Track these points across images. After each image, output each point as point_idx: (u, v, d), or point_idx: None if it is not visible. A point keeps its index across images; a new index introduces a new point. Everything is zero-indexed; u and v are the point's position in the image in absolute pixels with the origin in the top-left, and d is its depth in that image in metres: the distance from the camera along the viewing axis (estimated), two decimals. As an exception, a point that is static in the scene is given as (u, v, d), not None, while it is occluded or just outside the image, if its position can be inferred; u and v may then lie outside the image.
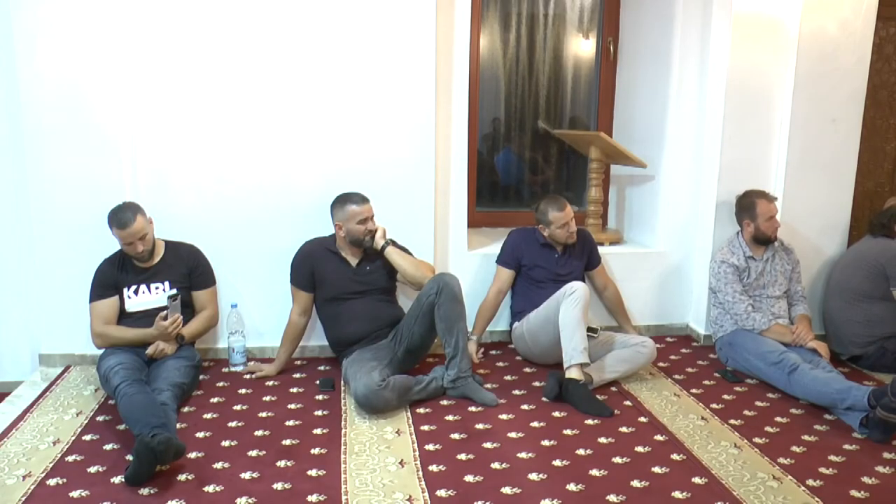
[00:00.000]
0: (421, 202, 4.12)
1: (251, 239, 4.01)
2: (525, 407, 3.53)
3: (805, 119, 4.30)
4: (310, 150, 3.98)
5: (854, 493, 2.83)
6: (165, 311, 3.51)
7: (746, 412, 3.56)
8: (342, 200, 3.77)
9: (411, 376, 3.58)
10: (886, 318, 4.12)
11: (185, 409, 3.42)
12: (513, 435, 3.22)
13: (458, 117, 4.20)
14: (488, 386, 3.73)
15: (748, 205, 4.13)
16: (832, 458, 3.11)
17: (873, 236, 4.31)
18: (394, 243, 3.84)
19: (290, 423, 3.30)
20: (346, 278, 3.80)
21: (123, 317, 3.63)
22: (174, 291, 3.59)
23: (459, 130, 4.21)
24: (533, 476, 2.87)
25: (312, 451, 3.04)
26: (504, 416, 3.41)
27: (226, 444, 3.09)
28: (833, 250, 4.54)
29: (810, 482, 2.89)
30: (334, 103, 3.95)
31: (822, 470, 3.00)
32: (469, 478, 2.84)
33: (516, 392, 3.70)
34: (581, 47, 5.08)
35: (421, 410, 3.46)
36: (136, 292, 3.64)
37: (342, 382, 3.72)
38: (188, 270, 3.76)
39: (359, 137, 4.00)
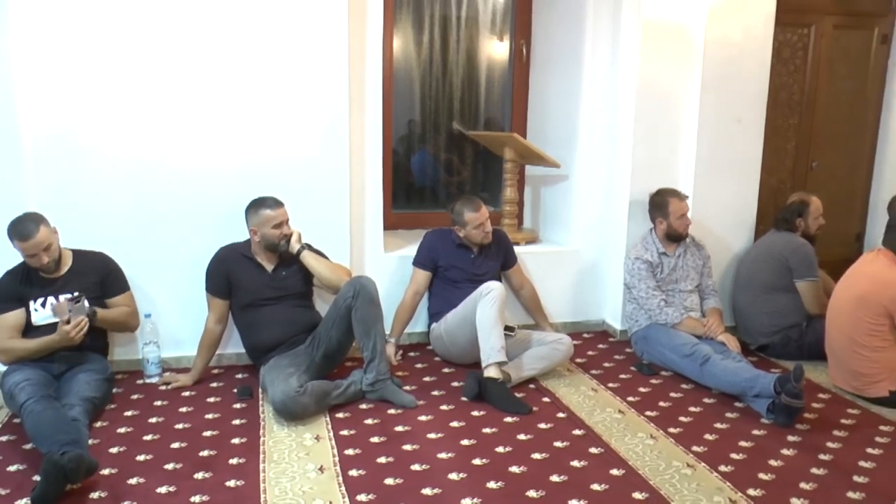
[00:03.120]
0: (336, 205, 4.09)
1: (163, 246, 3.90)
2: (444, 407, 3.54)
3: (712, 120, 4.45)
4: (222, 154, 3.90)
5: (762, 475, 2.95)
6: (68, 315, 3.38)
7: (662, 403, 3.66)
8: (256, 205, 3.72)
9: (330, 381, 3.55)
10: (790, 308, 4.30)
11: (98, 424, 3.31)
12: (432, 436, 3.23)
13: (372, 119, 4.19)
14: (407, 388, 3.73)
15: (660, 203, 4.24)
16: (742, 443, 3.24)
17: (777, 231, 4.49)
18: (309, 247, 3.80)
19: (208, 433, 3.24)
20: (262, 284, 3.75)
21: (30, 331, 3.46)
22: (76, 294, 3.46)
23: (374, 132, 4.20)
24: (453, 476, 2.88)
25: (230, 461, 2.99)
26: (423, 418, 3.42)
27: (141, 458, 3.01)
28: (741, 245, 4.70)
29: (722, 468, 3.00)
30: (246, 106, 3.88)
31: (733, 455, 3.12)
32: (389, 480, 2.83)
33: (435, 393, 3.72)
34: (494, 49, 5.13)
35: (340, 415, 3.43)
36: (42, 305, 3.49)
37: (260, 390, 3.66)
38: (99, 278, 3.63)
39: (272, 140, 3.94)
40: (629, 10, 4.39)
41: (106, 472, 2.88)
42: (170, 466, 2.94)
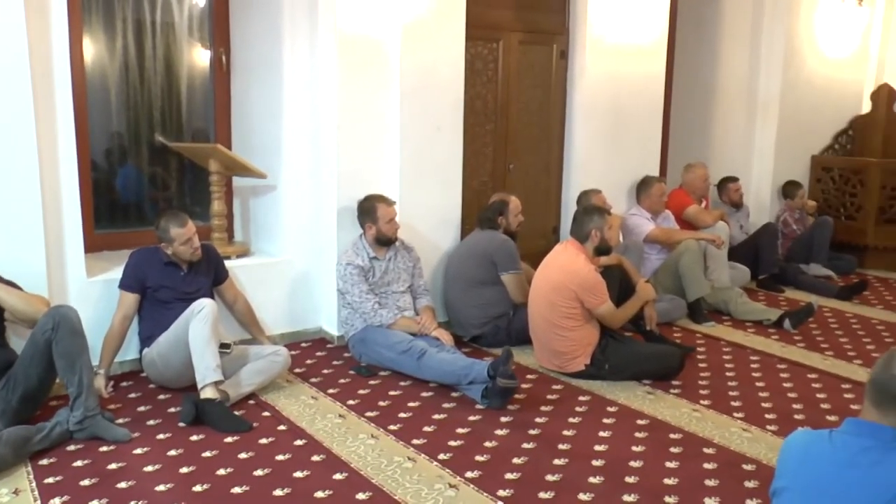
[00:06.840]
0: (27, 229, 3.72)
1: None
2: (161, 436, 3.37)
3: (413, 128, 4.66)
4: None
5: (478, 457, 3.17)
6: None
7: (381, 403, 3.77)
8: (-70, 236, 3.30)
9: (30, 425, 3.23)
10: (497, 299, 4.63)
11: None
12: (149, 468, 3.07)
13: (64, 133, 3.85)
14: (120, 421, 3.49)
15: (369, 209, 4.36)
16: (459, 430, 3.44)
17: (481, 229, 4.81)
18: (-1, 278, 3.45)
19: None
20: (-55, 324, 3.34)
21: None
22: None
23: (67, 147, 3.87)
24: (173, 507, 2.76)
25: None
26: (139, 451, 3.23)
27: None
28: (449, 244, 4.96)
29: (441, 456, 3.18)
30: None
31: (451, 443, 3.31)
32: (102, 523, 2.65)
33: (151, 422, 3.52)
34: (195, 57, 4.96)
35: (44, 462, 3.12)
36: None
37: (-55, 446, 3.23)
38: None
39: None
40: (325, 24, 4.47)
41: None
42: None
